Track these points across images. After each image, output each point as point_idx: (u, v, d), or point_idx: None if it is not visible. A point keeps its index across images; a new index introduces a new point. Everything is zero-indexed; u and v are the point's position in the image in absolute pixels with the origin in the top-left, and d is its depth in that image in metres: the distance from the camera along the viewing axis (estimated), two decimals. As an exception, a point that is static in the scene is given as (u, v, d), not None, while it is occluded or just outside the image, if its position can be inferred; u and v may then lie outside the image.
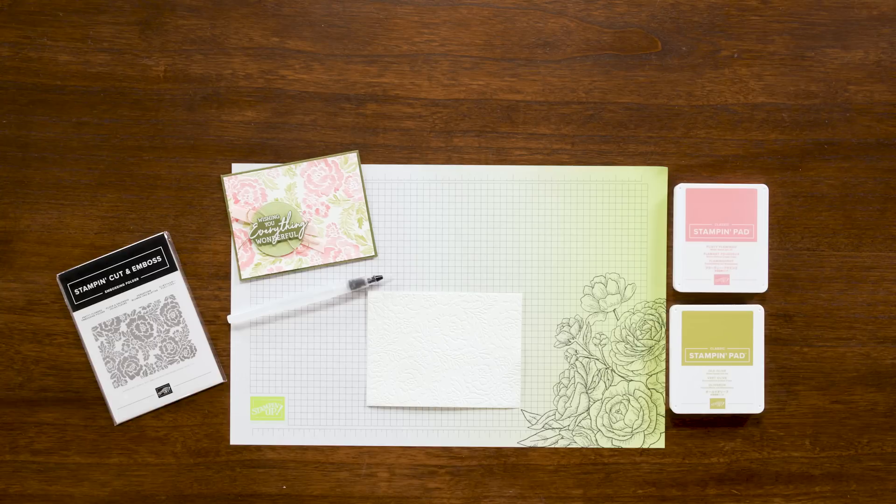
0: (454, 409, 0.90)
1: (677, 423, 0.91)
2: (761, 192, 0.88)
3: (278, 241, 0.90)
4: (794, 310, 0.90)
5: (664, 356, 0.90)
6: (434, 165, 0.90)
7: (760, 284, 0.88)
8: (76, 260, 0.90)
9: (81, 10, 0.89)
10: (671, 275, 0.90)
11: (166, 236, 0.89)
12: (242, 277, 0.90)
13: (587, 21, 0.90)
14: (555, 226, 0.90)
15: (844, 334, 0.91)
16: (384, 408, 0.91)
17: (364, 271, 0.90)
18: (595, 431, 0.90)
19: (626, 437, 0.90)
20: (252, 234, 0.89)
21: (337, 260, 0.90)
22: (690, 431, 0.91)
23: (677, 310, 0.89)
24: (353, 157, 0.90)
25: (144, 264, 0.89)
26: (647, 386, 0.90)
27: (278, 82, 0.90)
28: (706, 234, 0.88)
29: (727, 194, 0.88)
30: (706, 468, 0.91)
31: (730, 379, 0.89)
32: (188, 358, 0.90)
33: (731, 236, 0.88)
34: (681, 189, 0.88)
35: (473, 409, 0.91)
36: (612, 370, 0.90)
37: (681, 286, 0.88)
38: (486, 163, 0.90)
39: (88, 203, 0.90)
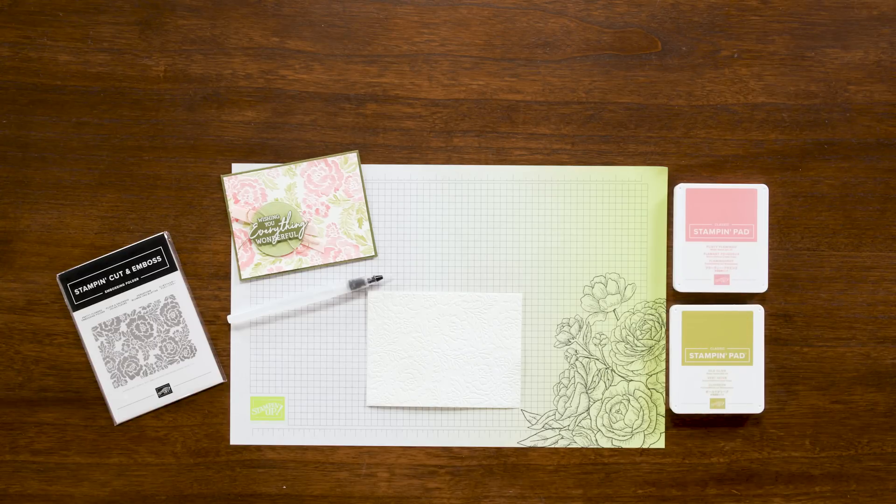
0: (454, 409, 0.90)
1: (677, 423, 0.91)
2: (761, 192, 0.88)
3: (278, 241, 0.90)
4: (794, 310, 0.90)
5: (664, 356, 0.90)
6: (434, 165, 0.90)
7: (760, 284, 0.88)
8: (76, 260, 0.90)
9: (81, 10, 0.89)
10: (671, 275, 0.90)
11: (166, 236, 0.89)
12: (242, 277, 0.90)
13: (587, 21, 0.90)
14: (555, 226, 0.90)
15: (844, 334, 0.91)
16: (384, 408, 0.91)
17: (364, 271, 0.90)
18: (595, 431, 0.90)
19: (626, 437, 0.90)
20: (252, 234, 0.90)
21: (337, 260, 0.90)
22: (690, 431, 0.91)
23: (677, 310, 0.89)
24: (353, 157, 0.90)
25: (144, 264, 0.89)
26: (647, 386, 0.90)
27: (278, 82, 0.90)
28: (706, 234, 0.88)
29: (727, 194, 0.88)
30: (706, 468, 0.91)
31: (730, 379, 0.89)
32: (188, 358, 0.90)
33: (731, 236, 0.88)
34: (681, 189, 0.88)
35: (473, 409, 0.91)
36: (612, 370, 0.90)
37: (681, 286, 0.88)
38: (486, 163, 0.90)
39: (88, 203, 0.90)
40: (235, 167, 0.90)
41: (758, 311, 0.89)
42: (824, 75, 0.90)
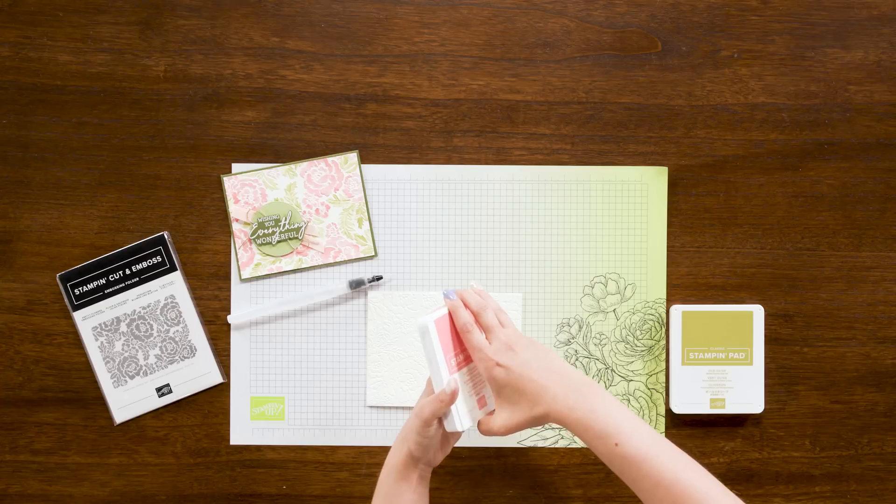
0: (454, 409, 0.90)
1: (677, 423, 0.91)
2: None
3: (278, 241, 0.90)
4: (794, 310, 0.90)
5: (664, 356, 0.90)
6: (434, 165, 0.90)
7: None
8: (76, 260, 0.90)
9: (81, 10, 0.89)
10: (671, 275, 0.90)
11: (166, 236, 0.89)
12: (242, 277, 0.90)
13: (587, 21, 0.90)
14: (555, 226, 0.90)
15: (844, 334, 0.91)
16: (384, 408, 0.91)
17: (364, 271, 0.90)
18: (595, 431, 0.90)
19: (626, 437, 0.90)
20: (252, 234, 0.89)
21: (337, 260, 0.90)
22: (690, 431, 0.91)
23: (677, 310, 0.89)
24: (353, 157, 0.90)
25: (144, 264, 0.89)
26: (647, 386, 0.90)
27: (278, 82, 0.90)
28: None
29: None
30: (706, 468, 0.90)
31: (730, 379, 0.89)
32: (188, 358, 0.90)
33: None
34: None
35: (473, 409, 0.91)
36: (612, 370, 0.90)
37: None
38: (486, 163, 0.90)
39: (88, 203, 0.90)
40: (235, 167, 0.90)
41: (758, 311, 0.89)
42: (824, 75, 0.90)
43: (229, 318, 0.90)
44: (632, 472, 0.63)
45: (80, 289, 0.89)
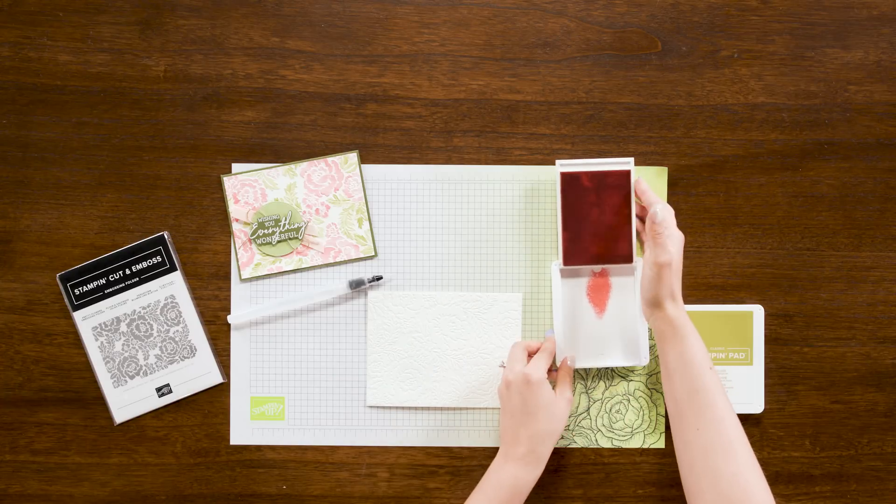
0: (454, 409, 0.90)
1: (677, 423, 0.91)
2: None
3: (278, 241, 0.90)
4: (794, 310, 0.90)
5: (664, 356, 0.90)
6: (434, 165, 0.90)
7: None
8: (76, 260, 0.90)
9: (81, 10, 0.89)
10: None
11: (166, 236, 0.89)
12: (242, 277, 0.90)
13: (587, 21, 0.90)
14: (555, 226, 0.90)
15: (844, 334, 0.91)
16: (384, 408, 0.91)
17: (364, 271, 0.90)
18: (595, 431, 0.90)
19: (626, 437, 0.90)
20: (252, 234, 0.89)
21: (337, 260, 0.90)
22: (690, 431, 0.90)
23: (677, 310, 0.89)
24: (353, 157, 0.90)
25: (144, 264, 0.89)
26: (647, 386, 0.90)
27: (278, 82, 0.90)
28: None
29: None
30: (706, 468, 0.90)
31: (730, 379, 0.89)
32: (188, 358, 0.90)
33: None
34: None
35: (473, 409, 0.91)
36: (613, 370, 0.90)
37: None
38: (486, 163, 0.90)
39: (88, 203, 0.90)
40: (235, 167, 0.90)
41: (758, 311, 0.89)
42: (824, 75, 0.90)
43: (229, 318, 0.90)
44: (684, 359, 0.77)
45: (80, 289, 0.89)
